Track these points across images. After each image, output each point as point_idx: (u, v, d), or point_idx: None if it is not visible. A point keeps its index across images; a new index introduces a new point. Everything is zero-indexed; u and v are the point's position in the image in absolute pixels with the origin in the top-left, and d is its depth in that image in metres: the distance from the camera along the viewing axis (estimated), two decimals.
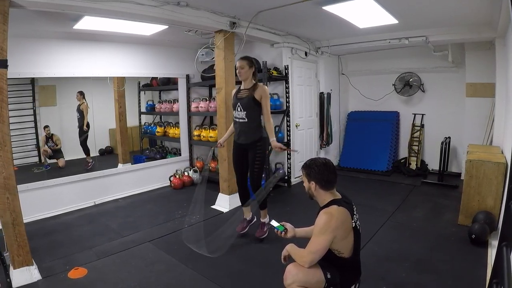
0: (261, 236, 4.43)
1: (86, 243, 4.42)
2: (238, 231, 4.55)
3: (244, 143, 4.30)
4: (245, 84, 4.29)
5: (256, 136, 4.24)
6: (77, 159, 6.73)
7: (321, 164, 2.47)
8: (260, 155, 4.27)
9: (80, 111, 6.56)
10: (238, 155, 4.45)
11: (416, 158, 7.71)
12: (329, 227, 2.29)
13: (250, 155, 4.30)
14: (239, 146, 4.38)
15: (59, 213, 5.60)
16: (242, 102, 4.20)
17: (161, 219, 5.26)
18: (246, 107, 4.18)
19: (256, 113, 4.22)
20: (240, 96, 4.27)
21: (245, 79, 4.23)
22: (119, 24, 4.96)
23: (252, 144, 4.25)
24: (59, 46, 5.63)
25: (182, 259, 3.93)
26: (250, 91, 4.19)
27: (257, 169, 4.28)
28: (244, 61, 4.18)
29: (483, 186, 4.50)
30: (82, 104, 6.53)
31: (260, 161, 4.28)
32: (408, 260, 3.78)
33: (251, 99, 4.15)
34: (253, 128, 4.23)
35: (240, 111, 4.22)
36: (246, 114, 4.19)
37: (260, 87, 4.20)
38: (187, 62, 7.42)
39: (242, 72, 4.18)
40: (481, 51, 6.47)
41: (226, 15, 5.23)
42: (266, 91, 4.21)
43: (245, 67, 4.16)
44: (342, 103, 8.73)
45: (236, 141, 4.41)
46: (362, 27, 5.93)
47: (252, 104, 4.16)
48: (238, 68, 4.18)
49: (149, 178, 7.03)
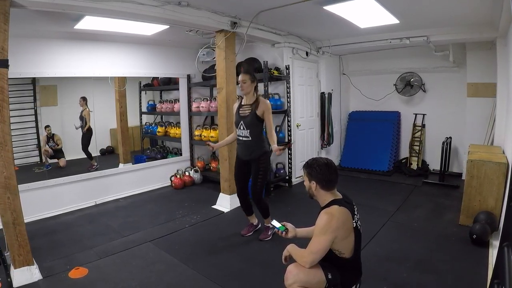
0: (265, 238, 4.45)
1: (87, 243, 4.42)
2: (243, 234, 4.60)
3: (247, 159, 4.34)
4: (247, 99, 4.30)
5: (260, 152, 4.27)
6: (78, 159, 6.75)
7: (322, 164, 2.46)
8: (263, 169, 4.30)
9: (82, 117, 6.58)
10: (240, 168, 4.48)
11: (417, 158, 7.70)
12: (330, 227, 2.28)
13: (253, 168, 4.33)
14: (242, 160, 4.41)
15: (59, 213, 5.60)
16: (245, 121, 4.22)
17: (162, 219, 5.26)
18: (249, 125, 4.20)
19: (259, 129, 4.25)
20: (242, 114, 4.27)
21: (247, 93, 4.25)
22: (120, 24, 4.95)
23: (255, 160, 4.28)
24: (60, 46, 5.63)
25: (183, 259, 3.93)
26: (252, 108, 4.20)
27: (260, 183, 4.31)
28: (246, 75, 4.19)
29: (484, 186, 4.48)
30: (84, 110, 6.54)
31: (262, 175, 4.31)
32: (409, 260, 3.77)
33: (254, 117, 4.18)
34: (257, 145, 4.25)
35: (244, 130, 4.24)
36: (249, 132, 4.21)
37: (262, 102, 4.22)
38: (188, 62, 7.41)
39: (244, 86, 4.19)
40: (482, 51, 6.47)
41: (227, 15, 5.22)
42: (268, 105, 4.23)
43: (247, 81, 4.18)
44: (343, 103, 8.72)
45: (240, 156, 4.43)
46: (363, 27, 5.92)
47: (255, 122, 4.19)
48: (240, 82, 4.20)
49: (150, 178, 7.02)
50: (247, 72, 4.27)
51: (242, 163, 4.41)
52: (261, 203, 4.38)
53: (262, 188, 4.36)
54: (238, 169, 4.50)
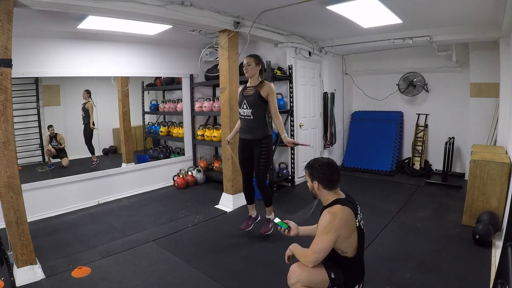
0: (266, 232, 4.45)
1: (90, 242, 4.43)
2: (242, 228, 4.59)
3: (249, 139, 4.31)
4: (252, 82, 4.29)
5: (261, 134, 4.25)
6: (80, 158, 6.75)
7: (324, 164, 2.46)
8: (265, 153, 4.28)
9: (85, 109, 6.58)
10: (243, 152, 4.46)
11: (420, 158, 7.70)
12: (332, 227, 2.28)
13: (256, 153, 4.31)
14: (245, 142, 4.39)
15: (62, 212, 5.62)
16: (248, 100, 4.22)
17: (165, 218, 5.26)
18: (252, 105, 4.19)
19: (262, 110, 4.23)
20: (246, 94, 4.28)
21: (252, 76, 4.24)
22: (123, 23, 4.97)
23: (258, 142, 4.27)
24: (63, 45, 5.65)
25: (185, 259, 3.93)
26: (256, 89, 4.20)
27: (262, 168, 4.29)
28: (251, 58, 4.21)
29: (487, 186, 4.47)
30: (87, 103, 6.54)
31: (265, 159, 4.29)
32: (412, 260, 3.77)
33: (257, 96, 4.16)
34: (259, 125, 4.24)
35: (246, 109, 4.24)
36: (251, 112, 4.20)
37: (267, 84, 4.21)
38: (191, 61, 7.43)
39: (249, 69, 4.19)
40: (486, 50, 6.44)
41: (230, 15, 5.22)
42: (273, 88, 4.22)
43: (252, 64, 4.18)
44: (346, 103, 8.73)
45: (241, 137, 4.43)
46: (366, 27, 5.91)
47: (258, 102, 4.18)
48: (245, 65, 4.20)
49: (153, 178, 7.03)
50: (252, 55, 4.29)
51: (245, 146, 4.40)
52: (265, 189, 4.38)
53: (265, 174, 4.36)
54: (241, 153, 4.49)
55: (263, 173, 4.32)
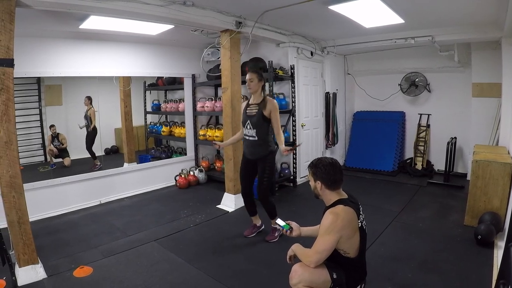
0: (271, 240, 4.42)
1: (92, 242, 4.44)
2: (246, 235, 4.58)
3: (253, 158, 4.33)
4: (254, 98, 4.30)
5: (265, 152, 4.26)
6: (82, 158, 6.75)
7: (327, 164, 2.46)
8: (269, 169, 4.29)
9: (87, 117, 6.60)
10: (246, 167, 4.47)
11: (422, 159, 7.68)
12: (335, 227, 2.28)
13: (260, 167, 4.32)
14: (248, 160, 4.41)
15: (64, 212, 5.62)
16: (252, 121, 4.22)
17: (166, 218, 5.27)
18: (255, 125, 4.20)
19: (265, 129, 4.23)
20: (249, 113, 4.27)
21: (254, 92, 4.24)
22: (125, 23, 4.97)
23: (261, 159, 4.28)
24: (66, 45, 5.66)
25: (187, 259, 3.93)
26: (259, 108, 4.19)
27: (266, 182, 4.29)
28: (253, 74, 4.21)
29: (489, 187, 4.46)
30: (89, 110, 6.56)
31: (268, 174, 4.29)
32: (414, 260, 3.76)
33: (260, 117, 4.17)
34: (263, 145, 4.25)
35: (250, 129, 4.24)
36: (256, 132, 4.21)
37: (269, 102, 4.21)
38: (193, 61, 7.44)
39: (251, 85, 4.20)
40: (488, 50, 6.44)
41: (232, 15, 5.23)
42: (275, 105, 4.22)
43: (255, 79, 4.18)
44: (348, 103, 8.71)
45: (245, 155, 4.44)
46: (368, 27, 5.90)
47: (261, 122, 4.18)
48: (248, 80, 4.21)
49: (155, 178, 7.04)
50: (254, 71, 4.28)
51: (248, 162, 4.40)
52: (268, 203, 4.36)
53: (268, 188, 4.33)
54: (244, 168, 4.49)
55: (266, 187, 4.31)
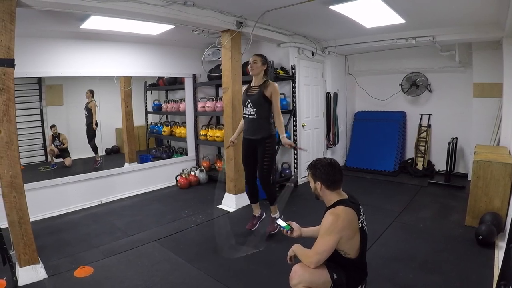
0: (272, 231, 4.46)
1: (92, 242, 4.43)
2: (248, 228, 4.60)
3: (253, 138, 4.32)
4: (256, 81, 4.31)
5: (265, 133, 4.26)
6: (83, 158, 6.77)
7: (326, 164, 2.46)
8: (269, 152, 4.30)
9: (88, 109, 6.59)
10: (247, 151, 4.47)
11: (422, 159, 7.67)
12: (335, 228, 2.27)
13: (259, 151, 4.32)
14: (248, 141, 4.40)
15: (65, 212, 5.62)
16: (252, 99, 4.24)
17: (167, 218, 5.26)
18: (255, 104, 4.22)
19: (265, 110, 4.24)
20: (250, 93, 4.30)
21: (257, 74, 4.26)
22: (126, 23, 4.97)
23: (261, 141, 4.27)
24: (66, 45, 5.66)
25: (188, 259, 3.93)
26: (260, 88, 4.21)
27: (266, 166, 4.29)
28: (258, 57, 4.25)
29: (490, 187, 4.46)
30: (90, 102, 6.57)
31: (269, 158, 4.30)
32: (415, 261, 3.75)
33: (261, 96, 4.18)
34: (262, 125, 4.25)
35: (250, 108, 4.26)
36: (255, 111, 4.22)
37: (271, 84, 4.23)
38: (194, 61, 7.42)
39: (254, 67, 4.22)
40: (489, 50, 6.43)
41: (233, 15, 5.22)
42: (276, 88, 4.24)
43: (258, 62, 4.22)
44: (348, 103, 8.69)
45: (245, 136, 4.43)
46: (369, 27, 5.89)
47: (262, 101, 4.19)
48: (251, 62, 4.23)
49: (156, 178, 7.03)
50: (259, 54, 4.32)
51: (249, 146, 4.41)
52: (269, 187, 4.38)
53: (269, 173, 4.35)
54: (245, 152, 4.50)
55: (267, 172, 4.32)
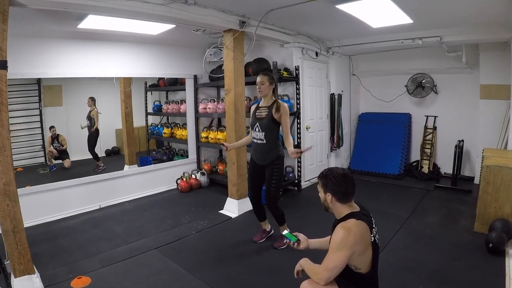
0: (280, 247, 4.31)
1: (91, 249, 4.31)
2: (255, 240, 4.48)
3: (261, 164, 4.20)
4: (264, 101, 4.18)
5: (274, 156, 4.13)
6: (83, 159, 6.73)
7: (338, 175, 2.31)
8: (277, 174, 4.16)
9: (91, 118, 6.54)
10: (254, 174, 4.35)
11: (428, 162, 7.55)
12: (347, 243, 2.14)
13: (267, 173, 4.18)
14: (256, 165, 4.28)
15: (63, 216, 5.50)
16: (260, 123, 4.10)
17: (168, 224, 5.13)
18: (265, 129, 4.08)
19: (275, 133, 4.12)
20: (259, 116, 4.15)
21: (265, 95, 4.12)
22: (125, 23, 4.84)
23: (269, 164, 4.15)
24: (64, 46, 5.54)
25: (189, 268, 3.80)
26: (269, 111, 4.07)
27: (274, 188, 4.16)
28: (264, 77, 4.08)
29: (500, 193, 4.35)
30: (92, 111, 6.51)
31: (277, 179, 4.16)
32: (424, 270, 3.65)
33: (271, 120, 4.05)
34: (272, 149, 4.12)
35: (259, 132, 4.12)
36: (264, 136, 4.08)
37: (281, 105, 4.07)
38: (195, 62, 7.31)
39: (262, 88, 4.07)
40: (496, 52, 6.34)
41: (236, 14, 5.09)
42: (287, 108, 4.09)
43: (266, 82, 4.06)
44: (353, 104, 8.60)
45: (253, 159, 4.30)
46: (376, 27, 5.77)
47: (271, 125, 4.06)
48: (258, 83, 4.08)
49: (156, 181, 6.92)
50: (265, 73, 4.16)
51: (256, 167, 4.27)
52: (276, 210, 4.24)
53: (276, 193, 4.21)
54: (251, 173, 4.37)
55: (274, 193, 4.18)
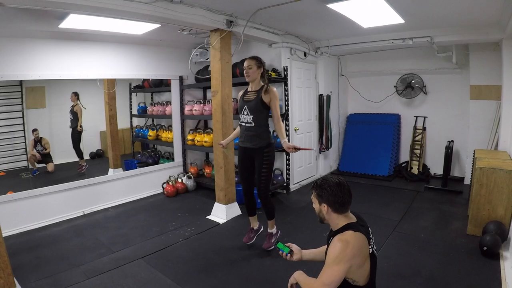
0: (269, 247, 4.20)
1: (74, 260, 4.11)
2: (245, 241, 4.35)
3: (250, 147, 4.06)
4: (253, 86, 4.06)
5: (263, 142, 4.01)
6: (66, 163, 6.51)
7: (334, 185, 2.19)
8: (267, 162, 4.04)
9: (73, 112, 6.34)
10: (243, 162, 4.21)
11: (418, 162, 7.51)
12: (344, 256, 2.02)
13: (257, 162, 4.06)
14: (245, 150, 4.14)
15: (46, 224, 5.29)
16: (249, 105, 3.97)
17: (154, 231, 4.96)
18: (253, 111, 3.95)
19: (263, 117, 4.00)
20: (247, 99, 4.03)
21: (253, 80, 3.99)
22: (108, 22, 4.68)
23: (259, 150, 4.02)
24: (45, 46, 5.34)
25: (176, 279, 3.64)
26: (258, 93, 3.95)
27: (264, 178, 4.04)
28: (252, 60, 3.96)
29: (493, 195, 4.34)
30: (76, 106, 6.31)
31: (267, 168, 4.04)
32: (420, 276, 3.58)
33: (259, 102, 3.92)
34: (260, 133, 4.00)
35: (247, 115, 3.99)
36: (253, 118, 3.96)
37: (269, 89, 3.96)
38: (181, 63, 7.17)
39: (249, 72, 3.94)
40: (486, 52, 6.36)
41: (223, 13, 4.95)
42: (276, 92, 3.98)
43: (253, 66, 3.94)
44: (341, 105, 8.54)
45: (241, 145, 4.16)
46: (366, 27, 5.69)
47: (260, 107, 3.94)
48: (246, 68, 3.96)
49: (141, 185, 6.75)
50: (253, 57, 4.03)
51: (246, 156, 4.15)
52: (267, 201, 4.13)
53: (267, 184, 4.09)
54: (241, 163, 4.24)
55: (265, 184, 4.07)
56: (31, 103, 5.91)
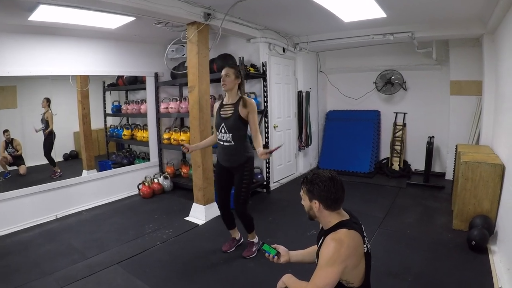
0: (249, 255, 4.03)
1: (46, 267, 3.87)
2: (225, 250, 4.18)
3: (229, 166, 3.89)
4: (229, 97, 3.85)
5: (243, 158, 3.82)
6: (39, 165, 6.32)
7: (326, 179, 2.03)
8: (247, 179, 3.86)
9: (45, 120, 6.14)
10: (220, 178, 4.03)
11: (398, 159, 7.52)
12: (339, 257, 1.87)
13: (237, 178, 3.88)
14: (222, 168, 3.97)
15: (16, 229, 5.03)
16: (227, 124, 3.76)
17: (130, 235, 4.75)
18: (231, 129, 3.76)
19: (242, 132, 3.81)
20: (224, 115, 3.82)
21: (229, 89, 3.79)
22: (81, 15, 4.46)
23: (239, 167, 3.84)
24: (13, 40, 5.07)
25: (155, 285, 3.47)
26: (235, 108, 3.76)
27: (244, 193, 3.86)
28: (231, 69, 3.76)
29: (479, 189, 4.34)
30: (46, 113, 6.09)
31: (246, 184, 3.86)
32: (409, 273, 3.53)
33: (237, 118, 3.73)
34: (239, 150, 3.81)
35: (225, 133, 3.79)
36: (232, 136, 3.76)
37: (247, 102, 3.77)
38: (156, 59, 7.00)
39: (227, 81, 3.73)
40: (466, 48, 6.41)
41: (201, 5, 4.79)
42: (254, 105, 3.80)
43: (231, 75, 3.73)
44: (320, 102, 8.49)
45: (220, 162, 3.98)
46: (347, 21, 5.59)
47: (238, 124, 3.75)
48: (223, 76, 3.74)
49: (116, 187, 6.54)
50: (232, 66, 3.87)
51: (223, 170, 3.95)
52: (245, 216, 3.96)
53: (246, 199, 3.92)
54: (218, 178, 4.05)
55: (244, 200, 3.90)
56: (2, 103, 5.76)
